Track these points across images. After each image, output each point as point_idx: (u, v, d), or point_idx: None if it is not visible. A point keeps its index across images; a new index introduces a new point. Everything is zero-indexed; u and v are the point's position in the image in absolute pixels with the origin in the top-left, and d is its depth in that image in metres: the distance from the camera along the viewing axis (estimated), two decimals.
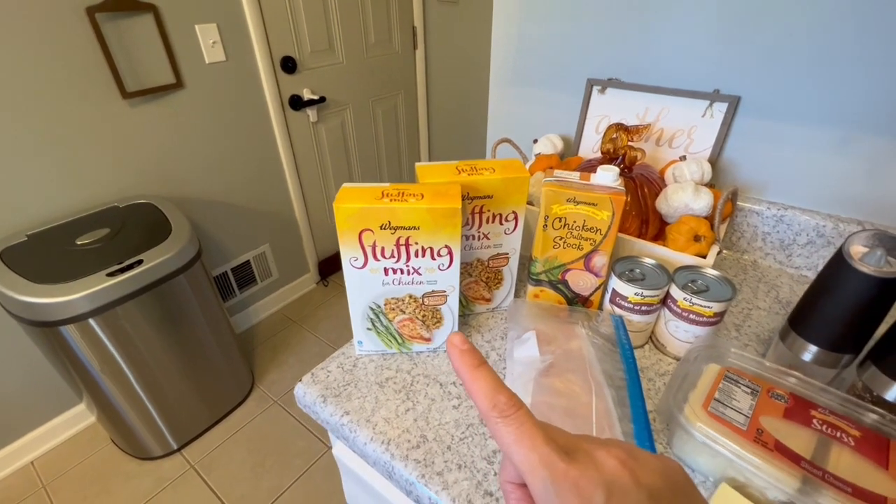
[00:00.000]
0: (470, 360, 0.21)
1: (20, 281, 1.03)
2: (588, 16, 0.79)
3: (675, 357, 0.56)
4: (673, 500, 0.18)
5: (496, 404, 0.20)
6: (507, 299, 0.64)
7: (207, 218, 1.65)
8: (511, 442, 0.19)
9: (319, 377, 0.55)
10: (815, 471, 0.37)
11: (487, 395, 0.20)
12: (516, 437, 0.19)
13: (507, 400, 0.20)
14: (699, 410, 0.42)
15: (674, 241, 0.62)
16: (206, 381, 1.42)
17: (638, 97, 0.78)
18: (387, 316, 0.54)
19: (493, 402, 0.20)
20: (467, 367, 0.21)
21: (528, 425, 0.19)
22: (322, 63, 1.80)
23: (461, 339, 0.22)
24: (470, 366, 0.21)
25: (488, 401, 0.20)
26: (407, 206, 0.45)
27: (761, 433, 0.40)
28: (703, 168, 0.67)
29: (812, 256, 0.71)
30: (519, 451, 0.18)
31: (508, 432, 0.19)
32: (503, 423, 0.19)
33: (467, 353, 0.21)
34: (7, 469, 1.39)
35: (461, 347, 0.21)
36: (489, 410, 0.20)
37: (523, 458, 0.18)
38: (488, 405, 0.20)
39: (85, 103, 1.25)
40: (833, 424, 0.41)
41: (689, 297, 0.51)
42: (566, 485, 0.17)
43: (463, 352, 0.21)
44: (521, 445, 0.18)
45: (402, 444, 0.47)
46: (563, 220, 0.55)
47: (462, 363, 0.21)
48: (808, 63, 0.63)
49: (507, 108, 0.97)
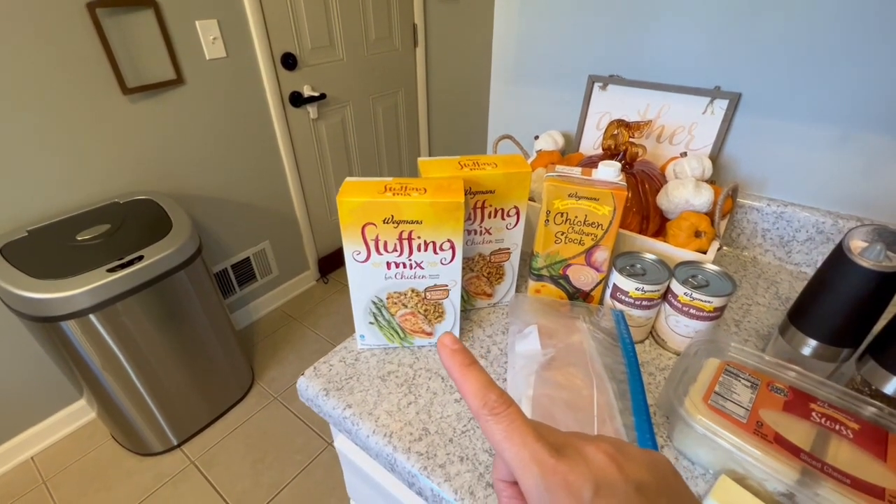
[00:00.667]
0: (461, 359, 0.21)
1: (21, 276, 1.03)
2: (589, 12, 0.79)
3: (675, 352, 0.56)
4: (660, 494, 0.18)
5: (486, 402, 0.20)
6: (508, 294, 0.64)
7: (208, 214, 1.65)
8: (502, 439, 0.19)
9: (322, 371, 0.55)
10: (814, 462, 0.38)
11: (478, 394, 0.20)
12: (507, 434, 0.19)
13: (498, 398, 0.20)
14: (699, 403, 0.43)
15: (674, 236, 0.62)
16: (206, 377, 1.42)
17: (639, 94, 0.78)
18: (389, 310, 0.54)
19: (483, 400, 0.20)
20: (458, 366, 0.21)
21: (519, 422, 0.19)
22: (322, 60, 1.80)
23: (452, 339, 0.22)
24: (461, 364, 0.21)
25: (479, 399, 0.20)
26: (410, 200, 0.45)
27: (761, 426, 0.41)
28: (703, 164, 0.67)
29: (811, 253, 0.71)
30: (510, 447, 0.19)
31: (499, 429, 0.19)
32: (494, 420, 0.19)
33: (458, 353, 0.22)
34: (7, 464, 1.39)
35: (452, 347, 0.22)
36: (480, 408, 0.20)
37: (514, 455, 0.19)
38: (479, 403, 0.20)
39: (85, 99, 1.24)
40: (832, 417, 0.41)
41: (690, 292, 0.51)
42: (556, 480, 0.18)
43: (454, 351, 0.22)
44: (512, 442, 0.19)
45: (404, 437, 0.47)
46: (565, 216, 0.55)
47: (453, 362, 0.21)
48: (809, 60, 0.64)
49: (508, 105, 0.97)
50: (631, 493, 0.18)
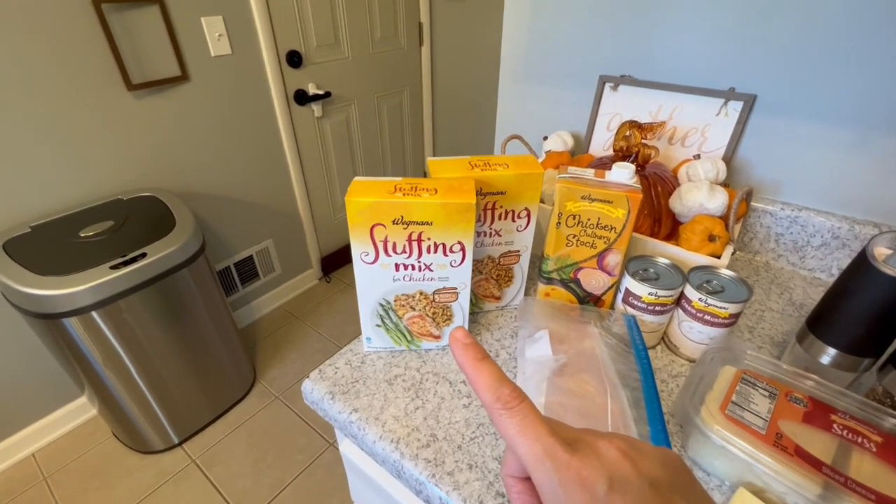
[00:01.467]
0: (473, 353, 0.21)
1: (23, 272, 1.02)
2: (601, 11, 0.78)
3: (687, 358, 0.55)
4: (674, 490, 0.18)
5: (500, 396, 0.20)
6: (517, 297, 0.63)
7: (211, 212, 1.65)
8: (515, 433, 0.19)
9: (327, 374, 0.54)
10: (836, 477, 0.36)
11: (491, 387, 0.20)
12: (520, 429, 0.19)
13: (511, 392, 0.20)
14: (716, 413, 0.42)
15: (687, 240, 0.61)
16: (208, 375, 1.41)
17: (651, 94, 0.77)
18: (396, 312, 0.53)
19: (496, 394, 0.20)
20: (471, 361, 0.21)
21: (532, 417, 0.19)
22: (328, 58, 1.79)
23: (464, 334, 0.22)
24: (473, 359, 0.21)
25: (492, 392, 0.20)
26: (420, 201, 0.44)
27: (780, 437, 0.40)
28: (717, 167, 0.66)
29: (826, 258, 0.70)
30: (523, 442, 0.19)
31: (513, 423, 0.19)
32: (507, 414, 0.19)
33: (470, 347, 0.21)
34: (8, 461, 1.39)
35: (464, 341, 0.22)
36: (493, 402, 0.20)
37: (527, 450, 0.18)
38: (492, 397, 0.20)
39: (90, 95, 1.24)
40: (853, 429, 0.40)
41: (705, 298, 0.50)
42: (570, 475, 0.17)
43: (466, 346, 0.21)
44: (525, 437, 0.19)
45: (411, 443, 0.46)
46: (577, 218, 0.54)
47: (465, 357, 0.21)
48: (826, 61, 0.62)
49: (516, 105, 0.96)
50: (645, 489, 0.17)
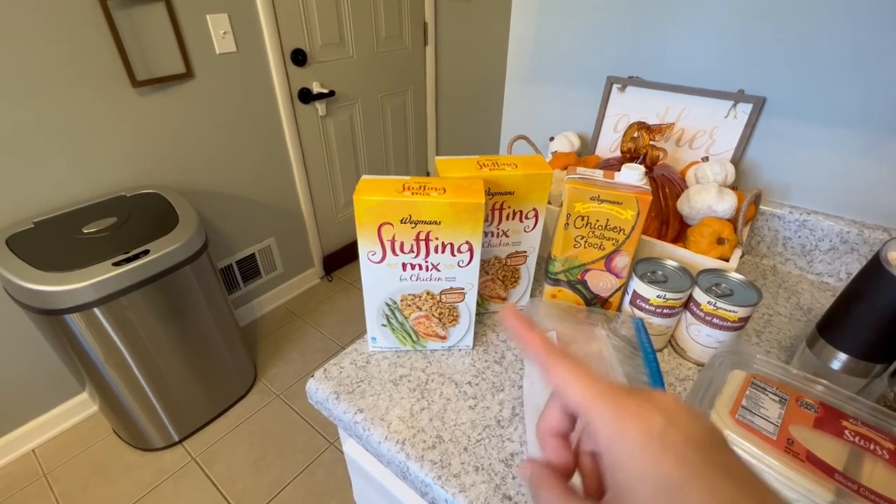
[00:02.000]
0: (527, 322, 0.23)
1: (26, 268, 1.02)
2: (609, 12, 0.77)
3: (695, 362, 0.55)
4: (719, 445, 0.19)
5: (552, 351, 0.21)
6: (523, 298, 0.62)
7: (214, 209, 1.64)
8: (570, 377, 0.20)
9: (332, 373, 0.54)
10: (849, 484, 0.36)
11: (543, 344, 0.22)
12: (575, 375, 0.20)
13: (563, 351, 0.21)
14: (726, 418, 0.41)
15: (695, 243, 0.60)
16: (209, 373, 1.41)
17: (659, 96, 0.76)
18: (402, 312, 0.53)
19: (549, 349, 0.21)
20: (524, 326, 0.23)
21: (584, 366, 0.20)
22: (332, 57, 1.79)
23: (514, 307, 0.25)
24: (526, 325, 0.23)
25: (545, 346, 0.21)
26: (429, 200, 0.44)
27: (792, 443, 0.39)
28: (726, 169, 0.65)
29: (834, 263, 0.69)
30: (576, 382, 0.20)
31: (566, 370, 0.20)
32: (561, 361, 0.20)
33: (524, 318, 0.23)
34: (8, 456, 1.39)
35: (517, 311, 0.24)
36: (547, 354, 0.21)
37: (582, 391, 0.19)
38: (545, 349, 0.21)
39: (95, 91, 1.24)
40: (865, 436, 0.40)
41: (714, 301, 0.50)
42: (628, 410, 0.18)
43: (519, 315, 0.23)
44: (580, 379, 0.20)
45: (417, 445, 0.46)
46: (586, 219, 0.53)
47: (519, 322, 0.23)
48: (837, 63, 0.62)
49: (522, 105, 0.96)
50: (698, 430, 0.18)
